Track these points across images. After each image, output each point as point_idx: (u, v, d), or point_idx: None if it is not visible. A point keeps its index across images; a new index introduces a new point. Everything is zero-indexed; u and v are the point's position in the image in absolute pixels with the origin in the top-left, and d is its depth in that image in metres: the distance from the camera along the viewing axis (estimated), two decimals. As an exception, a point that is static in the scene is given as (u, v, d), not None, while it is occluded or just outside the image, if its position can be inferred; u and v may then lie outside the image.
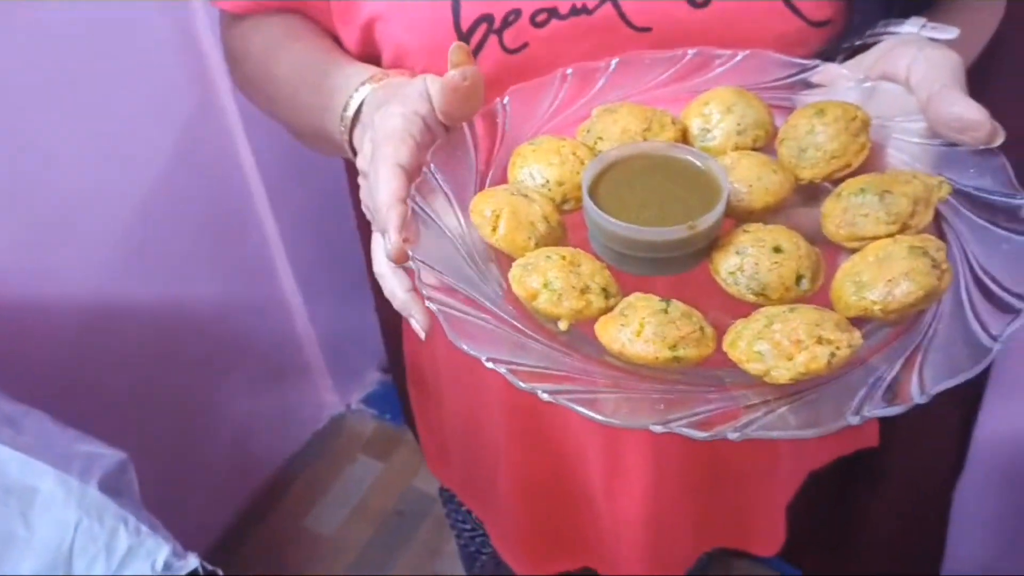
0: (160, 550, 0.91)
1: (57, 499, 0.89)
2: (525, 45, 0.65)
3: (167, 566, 0.91)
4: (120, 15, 1.22)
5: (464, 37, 0.65)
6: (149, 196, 1.37)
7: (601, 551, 0.96)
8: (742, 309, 0.51)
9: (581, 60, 0.64)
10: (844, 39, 0.65)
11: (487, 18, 0.64)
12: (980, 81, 0.59)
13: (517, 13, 0.64)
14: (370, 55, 0.72)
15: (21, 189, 1.18)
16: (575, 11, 0.64)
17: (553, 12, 0.64)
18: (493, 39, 0.65)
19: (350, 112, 0.64)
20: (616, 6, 0.64)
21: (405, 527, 1.80)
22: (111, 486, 0.94)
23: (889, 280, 0.47)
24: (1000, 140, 0.53)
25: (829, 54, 0.66)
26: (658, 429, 0.43)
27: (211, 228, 1.53)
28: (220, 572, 0.95)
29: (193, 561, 0.93)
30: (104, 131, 1.26)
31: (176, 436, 1.56)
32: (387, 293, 0.57)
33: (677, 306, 0.48)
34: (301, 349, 1.85)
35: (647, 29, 0.65)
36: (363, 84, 0.64)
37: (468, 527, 1.26)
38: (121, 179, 1.32)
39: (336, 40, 0.75)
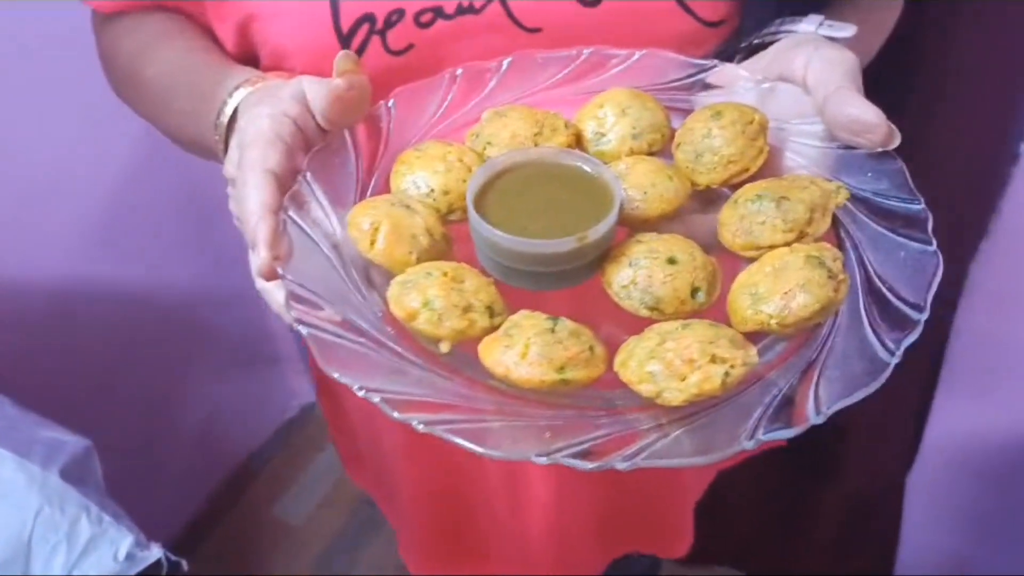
0: (123, 540, 0.90)
1: (18, 486, 0.87)
2: (410, 46, 0.62)
3: (130, 556, 0.90)
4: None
5: (345, 38, 0.61)
6: (119, 182, 1.34)
7: (506, 560, 0.94)
8: (638, 324, 0.48)
9: (468, 61, 0.61)
10: (740, 38, 0.63)
11: (369, 18, 0.60)
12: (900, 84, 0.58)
13: (400, 13, 0.60)
14: (248, 56, 0.68)
15: None
16: (461, 10, 0.61)
17: (438, 12, 0.61)
18: (376, 40, 0.61)
19: (224, 119, 0.59)
20: (504, 5, 0.61)
21: (376, 516, 1.78)
22: (74, 474, 0.92)
23: (785, 292, 0.45)
24: (896, 142, 0.51)
25: (728, 53, 0.64)
26: (542, 461, 0.40)
27: (182, 214, 1.48)
28: (184, 563, 0.93)
29: (156, 551, 0.91)
30: (74, 115, 1.21)
31: (144, 423, 1.53)
32: (275, 308, 0.53)
33: (565, 324, 0.45)
34: (272, 337, 1.81)
35: (537, 30, 0.62)
36: (238, 88, 0.59)
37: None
38: (91, 164, 1.28)
39: (215, 40, 0.70)
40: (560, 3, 0.61)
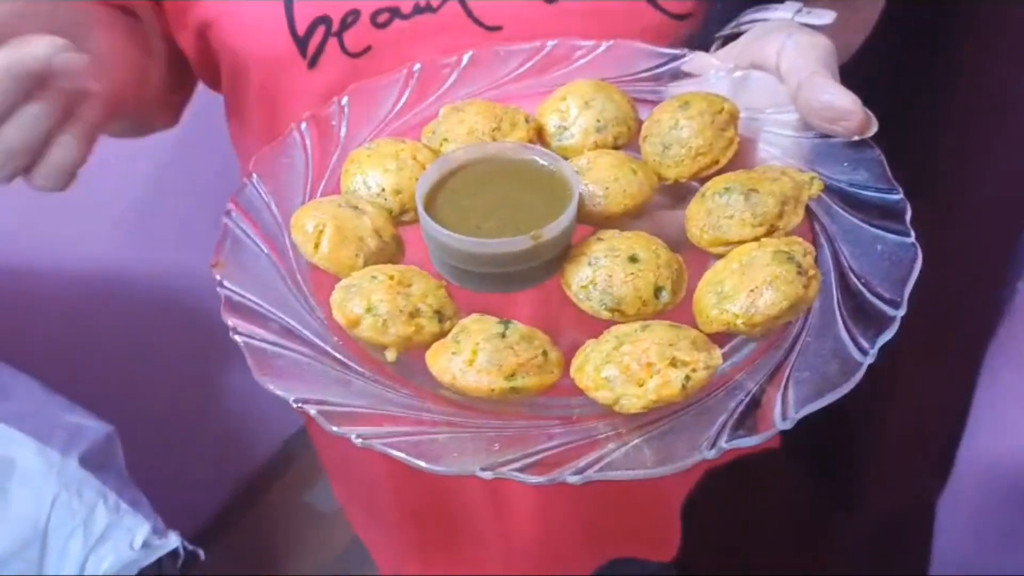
0: (140, 528, 0.91)
1: (37, 472, 0.88)
2: (368, 48, 0.60)
3: (146, 544, 0.90)
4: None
5: (301, 40, 0.59)
6: (152, 171, 1.35)
7: (490, 567, 0.91)
8: (600, 327, 0.45)
9: (428, 56, 0.58)
10: (708, 27, 0.60)
11: (324, 20, 0.58)
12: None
13: (356, 14, 0.58)
14: (211, 65, 0.66)
15: None
16: (418, 9, 0.59)
17: (395, 12, 0.59)
18: (333, 42, 0.59)
19: None
20: (463, 4, 0.59)
21: None
22: (94, 459, 0.93)
23: (752, 290, 0.42)
24: (873, 130, 0.48)
25: (700, 42, 0.61)
26: (486, 475, 0.37)
27: (215, 202, 1.45)
28: (201, 552, 0.93)
29: (174, 540, 0.92)
30: None
31: (178, 410, 1.53)
32: None
33: (516, 328, 0.43)
34: None
35: (497, 28, 0.60)
36: None
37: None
38: (124, 154, 1.27)
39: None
40: (520, 0, 0.59)
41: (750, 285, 0.42)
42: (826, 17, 0.56)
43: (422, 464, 0.38)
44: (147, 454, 1.00)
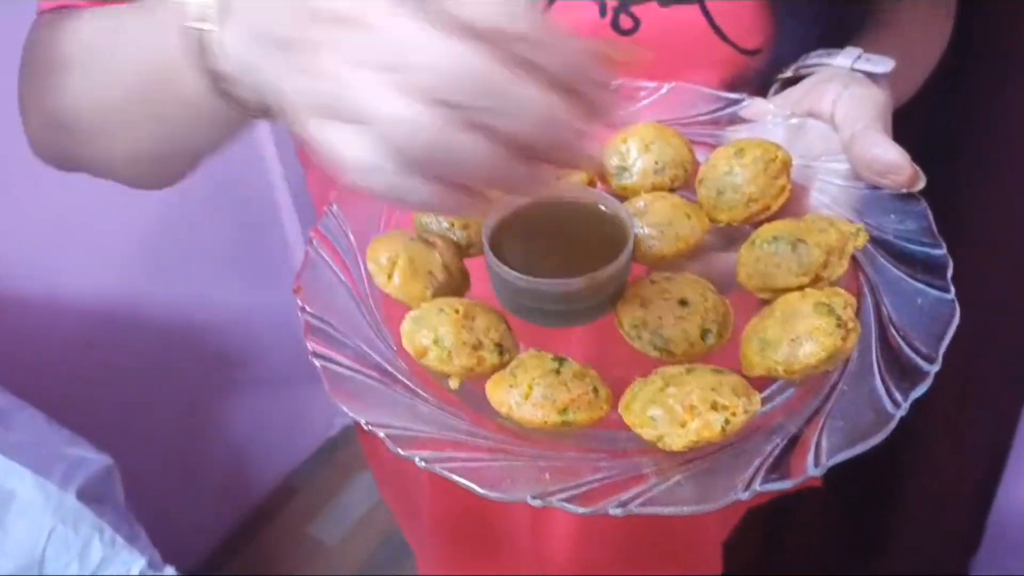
0: (135, 562, 0.91)
1: (34, 504, 0.88)
2: None
3: None
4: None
5: None
6: (170, 200, 1.35)
7: None
8: (648, 363, 0.48)
9: None
10: (774, 70, 0.62)
11: None
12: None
13: None
14: None
15: (41, 184, 1.16)
16: None
17: None
18: None
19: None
20: None
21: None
22: (93, 492, 0.93)
23: (793, 340, 0.45)
24: (921, 185, 0.51)
25: (761, 84, 0.63)
26: (536, 503, 0.40)
27: (231, 233, 1.51)
28: None
29: (170, 573, 0.93)
30: None
31: (182, 441, 1.55)
32: None
33: (571, 366, 0.46)
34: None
35: None
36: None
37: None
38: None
39: None
40: (595, 31, 0.61)
41: (791, 335, 0.45)
42: (884, 65, 0.57)
43: (478, 489, 0.41)
44: (148, 486, 1.00)
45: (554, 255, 0.51)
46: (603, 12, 0.61)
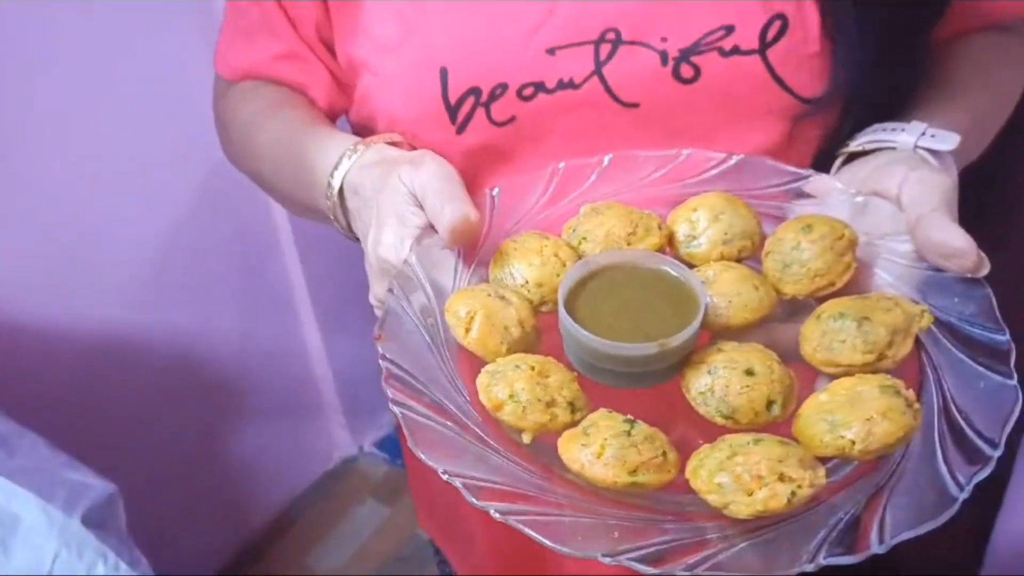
0: None
1: (39, 529, 0.89)
2: (513, 118, 0.65)
3: None
4: (158, 47, 1.26)
5: (452, 109, 0.65)
6: (172, 226, 1.39)
7: None
8: (712, 429, 0.50)
9: (567, 133, 0.65)
10: (840, 143, 0.64)
11: (475, 91, 0.64)
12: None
13: (504, 87, 0.64)
14: (365, 124, 0.73)
15: (45, 210, 1.20)
16: (562, 85, 0.64)
17: (540, 86, 0.64)
18: (480, 112, 0.65)
19: (336, 183, 0.64)
20: (603, 81, 0.64)
21: (404, 573, 1.79)
22: (96, 518, 0.94)
23: (867, 419, 0.46)
24: (985, 271, 0.52)
25: (827, 154, 0.65)
26: (607, 561, 0.42)
27: (234, 261, 1.54)
28: None
29: None
30: (134, 159, 1.28)
31: (183, 470, 1.56)
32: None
33: (641, 428, 0.48)
34: (317, 388, 1.85)
35: (635, 104, 0.64)
36: (344, 156, 0.64)
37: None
38: (146, 208, 1.35)
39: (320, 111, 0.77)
40: (657, 79, 0.63)
41: (864, 415, 0.46)
42: (950, 143, 0.59)
43: (549, 543, 0.43)
44: (150, 514, 1.00)
45: (624, 318, 0.53)
46: (664, 61, 0.63)
